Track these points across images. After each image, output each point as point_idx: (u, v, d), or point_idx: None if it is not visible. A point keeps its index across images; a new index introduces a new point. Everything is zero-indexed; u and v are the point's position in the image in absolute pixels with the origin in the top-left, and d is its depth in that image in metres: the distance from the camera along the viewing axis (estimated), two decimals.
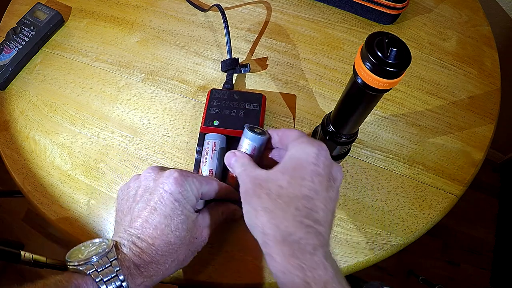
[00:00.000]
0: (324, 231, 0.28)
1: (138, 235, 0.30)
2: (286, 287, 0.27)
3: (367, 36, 0.26)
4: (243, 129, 0.41)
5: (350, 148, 0.43)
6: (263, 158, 0.37)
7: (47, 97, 0.50)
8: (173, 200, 0.31)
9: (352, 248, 0.40)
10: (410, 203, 0.43)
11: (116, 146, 0.46)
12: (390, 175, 0.45)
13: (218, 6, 0.53)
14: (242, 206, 0.31)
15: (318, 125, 0.42)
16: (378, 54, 0.25)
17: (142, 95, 0.50)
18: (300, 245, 0.26)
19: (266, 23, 0.56)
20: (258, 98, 0.45)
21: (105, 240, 0.30)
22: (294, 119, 0.48)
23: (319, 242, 0.27)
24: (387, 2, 0.51)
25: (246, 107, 0.44)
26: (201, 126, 0.44)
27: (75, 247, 0.31)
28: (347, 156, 0.44)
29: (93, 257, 0.28)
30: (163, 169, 0.34)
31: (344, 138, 0.38)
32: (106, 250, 0.29)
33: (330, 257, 0.27)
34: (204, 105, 0.45)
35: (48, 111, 0.49)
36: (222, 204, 0.37)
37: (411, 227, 0.42)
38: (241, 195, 0.31)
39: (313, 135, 0.43)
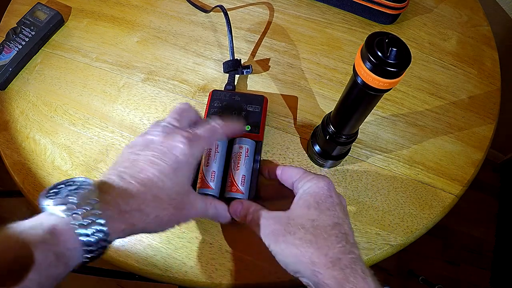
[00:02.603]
0: (358, 253, 0.30)
1: (131, 181, 0.29)
2: None
3: (367, 36, 0.26)
4: (244, 131, 0.41)
5: (350, 148, 0.43)
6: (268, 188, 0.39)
7: (47, 97, 0.50)
8: (176, 162, 0.31)
9: None
10: (410, 203, 0.43)
11: (116, 146, 0.46)
12: (390, 175, 0.45)
13: (222, 7, 0.52)
14: (271, 247, 0.31)
15: (318, 125, 0.42)
16: (378, 54, 0.25)
17: (142, 95, 0.50)
18: (351, 269, 0.28)
19: (266, 23, 0.56)
20: (260, 100, 0.45)
21: (88, 180, 0.27)
22: (294, 119, 0.48)
23: (362, 265, 0.28)
24: (387, 2, 0.52)
25: (248, 109, 0.44)
26: None
27: (52, 185, 0.27)
28: (347, 156, 0.44)
29: (73, 196, 0.25)
30: (171, 130, 0.33)
31: (344, 138, 0.38)
32: (89, 191, 0.26)
33: (375, 278, 0.28)
34: (206, 106, 0.45)
35: (48, 111, 0.49)
36: (218, 201, 0.36)
37: (411, 227, 0.42)
38: (265, 237, 0.31)
39: (313, 135, 0.43)
